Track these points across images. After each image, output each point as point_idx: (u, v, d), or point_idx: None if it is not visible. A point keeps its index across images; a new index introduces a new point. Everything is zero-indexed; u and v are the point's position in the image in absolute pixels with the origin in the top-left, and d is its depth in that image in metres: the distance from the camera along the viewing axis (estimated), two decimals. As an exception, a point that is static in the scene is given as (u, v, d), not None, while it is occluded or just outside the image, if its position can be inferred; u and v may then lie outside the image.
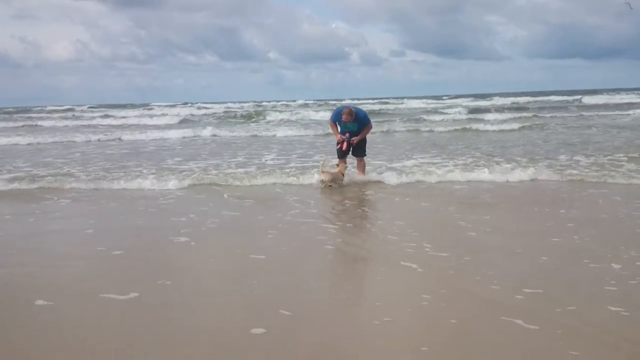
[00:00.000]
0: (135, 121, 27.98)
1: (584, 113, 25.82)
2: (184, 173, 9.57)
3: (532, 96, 46.82)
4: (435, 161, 10.51)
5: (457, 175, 8.73)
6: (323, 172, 8.61)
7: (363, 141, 9.09)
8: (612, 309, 3.44)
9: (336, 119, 9.06)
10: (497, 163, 9.78)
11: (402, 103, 41.07)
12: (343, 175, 8.70)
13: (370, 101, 46.46)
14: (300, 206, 7.04)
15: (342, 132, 8.97)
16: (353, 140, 8.91)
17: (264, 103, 49.07)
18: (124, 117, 30.93)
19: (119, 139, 18.09)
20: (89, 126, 26.19)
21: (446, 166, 9.73)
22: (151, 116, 30.87)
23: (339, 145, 9.02)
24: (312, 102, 48.64)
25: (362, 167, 9.12)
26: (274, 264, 4.63)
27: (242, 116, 29.94)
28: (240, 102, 51.43)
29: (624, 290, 3.77)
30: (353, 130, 8.93)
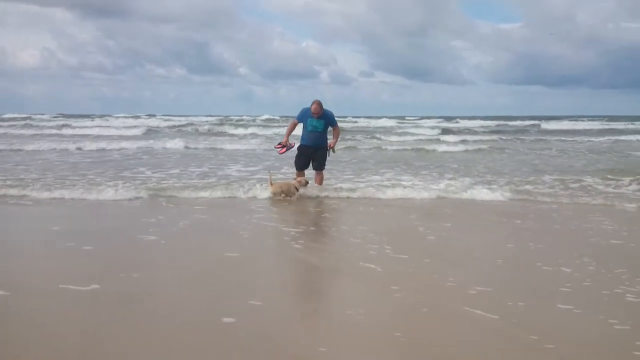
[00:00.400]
0: (95, 131, 27.30)
1: (545, 137, 26.63)
2: (148, 183, 9.43)
3: (495, 120, 48.04)
4: (401, 177, 10.67)
5: (421, 190, 8.78)
6: (272, 183, 8.35)
7: (323, 154, 8.79)
8: (561, 307, 3.63)
9: (302, 118, 8.68)
10: (459, 180, 10.01)
11: (369, 122, 41.56)
12: (297, 189, 8.33)
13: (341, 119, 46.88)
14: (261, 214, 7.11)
15: (307, 130, 8.65)
16: (330, 145, 8.72)
17: (232, 117, 48.57)
18: (84, 127, 30.34)
19: (79, 148, 17.42)
20: (49, 135, 25.51)
21: (410, 181, 9.91)
22: (117, 127, 30.37)
23: (282, 148, 8.75)
24: (278, 117, 48.62)
25: (320, 180, 8.85)
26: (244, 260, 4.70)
27: (207, 129, 29.73)
28: (208, 116, 50.80)
29: (575, 290, 3.97)
30: (319, 128, 8.63)
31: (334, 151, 8.86)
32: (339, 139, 9.12)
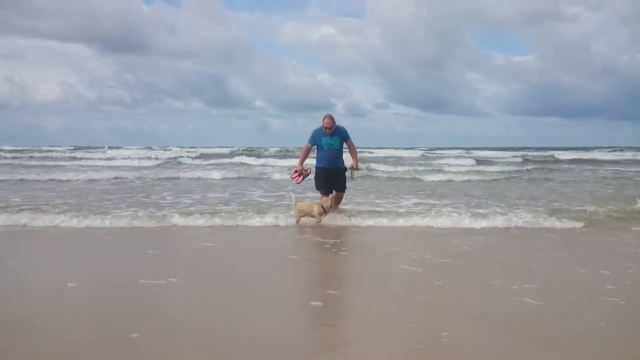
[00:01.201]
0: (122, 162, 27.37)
1: (572, 166, 26.12)
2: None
3: (512, 150, 47.57)
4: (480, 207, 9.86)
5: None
6: (296, 204, 8.02)
7: (343, 177, 8.39)
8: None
9: (315, 139, 8.23)
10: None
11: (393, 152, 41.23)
12: (325, 211, 7.99)
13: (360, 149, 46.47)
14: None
15: (323, 150, 8.19)
16: (352, 166, 8.30)
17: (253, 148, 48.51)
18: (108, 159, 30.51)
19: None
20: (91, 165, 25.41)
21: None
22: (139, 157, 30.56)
23: (298, 176, 8.40)
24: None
25: (339, 200, 8.44)
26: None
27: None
28: (228, 147, 50.89)
29: None
30: (336, 146, 8.21)
31: (358, 169, 8.45)
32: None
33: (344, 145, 8.31)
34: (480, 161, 29.95)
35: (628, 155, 38.89)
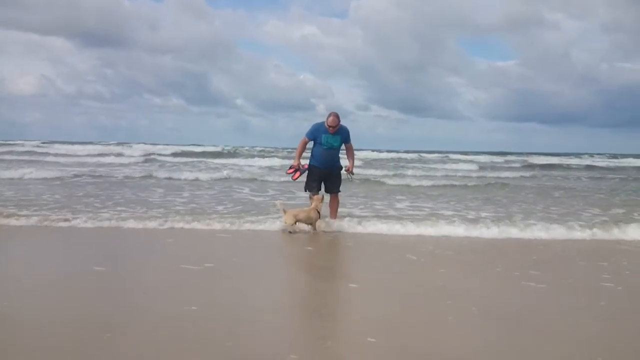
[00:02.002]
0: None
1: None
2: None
3: (490, 155, 47.44)
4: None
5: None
6: (286, 211, 7.42)
7: (338, 176, 7.95)
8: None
9: (314, 134, 7.74)
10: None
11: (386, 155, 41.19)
12: (319, 212, 7.54)
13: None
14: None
15: (321, 147, 7.73)
16: (348, 168, 7.86)
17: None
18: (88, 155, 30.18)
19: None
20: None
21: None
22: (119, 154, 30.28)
23: (294, 172, 7.94)
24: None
25: (335, 207, 7.99)
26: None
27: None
28: (208, 145, 50.37)
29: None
30: (334, 145, 7.75)
31: (352, 174, 8.00)
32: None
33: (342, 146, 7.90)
34: (483, 166, 28.94)
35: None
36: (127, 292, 4.51)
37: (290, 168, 8.08)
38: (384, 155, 39.45)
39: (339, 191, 8.07)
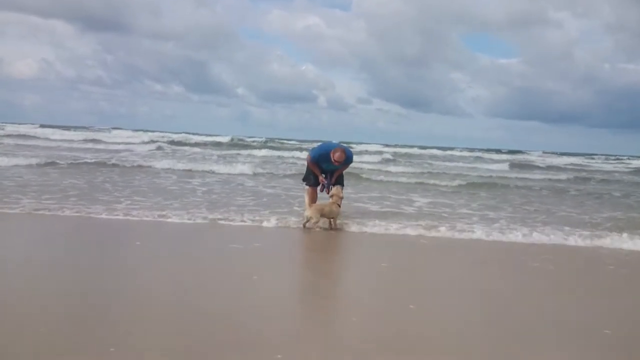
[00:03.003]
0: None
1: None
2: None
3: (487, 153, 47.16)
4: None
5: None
6: (310, 205, 7.42)
7: (342, 174, 8.22)
8: None
9: (320, 159, 7.90)
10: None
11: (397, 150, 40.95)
12: (339, 206, 7.57)
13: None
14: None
15: (324, 171, 8.00)
16: (333, 179, 7.97)
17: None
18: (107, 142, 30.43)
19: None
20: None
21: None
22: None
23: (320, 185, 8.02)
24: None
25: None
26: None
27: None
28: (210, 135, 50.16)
29: None
30: (335, 169, 8.01)
31: (327, 189, 7.97)
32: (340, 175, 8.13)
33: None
34: (515, 165, 28.21)
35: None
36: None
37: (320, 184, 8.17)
38: (401, 150, 39.56)
39: (343, 184, 8.21)
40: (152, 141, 30.96)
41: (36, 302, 3.95)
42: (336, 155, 7.69)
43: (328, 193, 7.87)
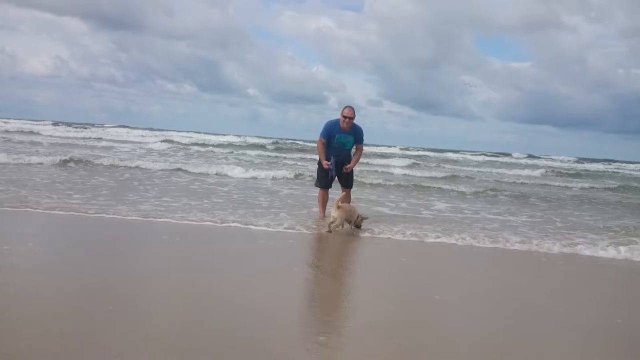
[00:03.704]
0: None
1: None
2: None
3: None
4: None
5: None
6: (340, 206, 6.86)
7: (351, 172, 7.79)
8: None
9: (328, 133, 7.56)
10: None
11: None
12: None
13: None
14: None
15: (332, 147, 7.58)
16: (347, 168, 7.61)
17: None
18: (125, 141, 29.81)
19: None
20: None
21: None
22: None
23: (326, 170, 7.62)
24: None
25: (347, 202, 7.53)
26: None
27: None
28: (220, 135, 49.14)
29: None
30: (346, 146, 7.62)
31: (347, 172, 7.70)
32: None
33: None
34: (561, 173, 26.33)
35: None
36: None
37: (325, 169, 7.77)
38: (415, 152, 38.82)
39: (352, 186, 7.96)
40: (167, 141, 30.19)
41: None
42: (345, 111, 7.42)
43: (338, 177, 7.69)
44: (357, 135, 7.65)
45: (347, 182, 7.82)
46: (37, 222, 6.69)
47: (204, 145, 29.70)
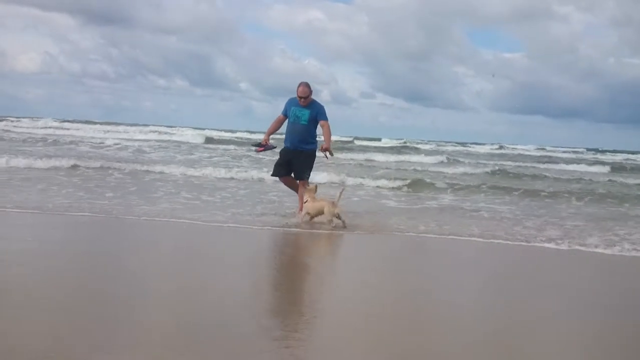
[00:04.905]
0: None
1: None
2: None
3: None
4: None
5: None
6: (334, 204, 6.67)
7: (307, 159, 7.15)
8: None
9: (286, 106, 7.25)
10: None
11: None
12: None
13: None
14: None
15: (289, 123, 7.21)
16: (325, 149, 7.14)
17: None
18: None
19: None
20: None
21: None
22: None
23: (260, 148, 7.40)
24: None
25: (302, 195, 7.05)
26: None
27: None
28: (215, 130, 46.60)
29: None
30: (301, 120, 7.08)
31: (331, 154, 7.20)
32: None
33: (317, 125, 7.21)
34: (616, 168, 24.48)
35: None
36: None
37: (260, 146, 7.45)
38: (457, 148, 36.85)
39: (307, 178, 7.17)
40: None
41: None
42: (299, 90, 7.01)
43: (259, 151, 7.56)
44: (314, 109, 7.11)
45: (300, 171, 7.16)
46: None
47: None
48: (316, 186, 7.10)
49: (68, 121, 40.93)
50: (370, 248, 6.22)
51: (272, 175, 7.59)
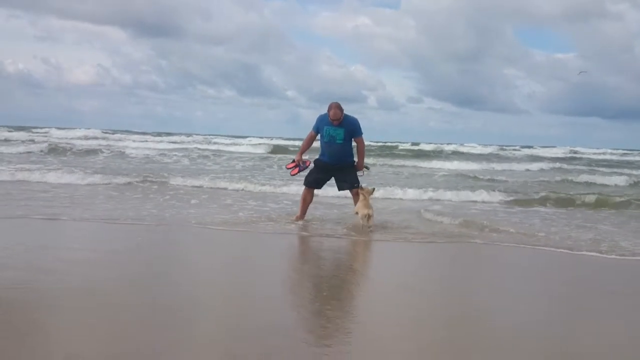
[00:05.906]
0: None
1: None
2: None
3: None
4: None
5: None
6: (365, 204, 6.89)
7: (351, 170, 7.23)
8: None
9: (319, 125, 7.18)
10: None
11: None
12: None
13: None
14: None
15: (323, 141, 7.16)
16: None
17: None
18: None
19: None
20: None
21: None
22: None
23: (293, 167, 7.37)
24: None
25: (358, 201, 7.15)
26: None
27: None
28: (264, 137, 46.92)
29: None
30: (336, 140, 7.02)
31: (367, 169, 7.36)
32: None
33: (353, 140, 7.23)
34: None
35: None
36: None
37: (292, 162, 7.45)
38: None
39: (358, 186, 7.18)
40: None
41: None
42: (330, 113, 6.93)
43: (294, 174, 7.50)
44: (349, 127, 7.09)
45: (349, 183, 7.21)
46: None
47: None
48: (373, 189, 7.29)
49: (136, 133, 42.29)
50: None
51: (308, 185, 7.38)
